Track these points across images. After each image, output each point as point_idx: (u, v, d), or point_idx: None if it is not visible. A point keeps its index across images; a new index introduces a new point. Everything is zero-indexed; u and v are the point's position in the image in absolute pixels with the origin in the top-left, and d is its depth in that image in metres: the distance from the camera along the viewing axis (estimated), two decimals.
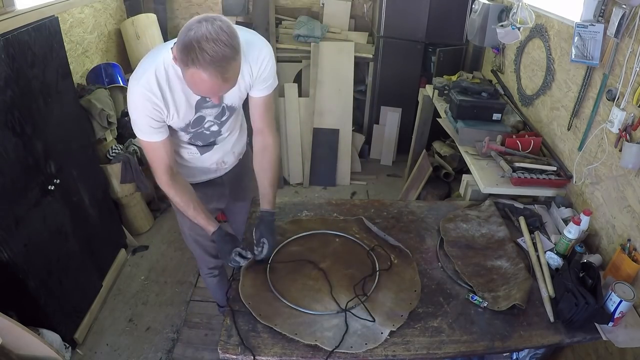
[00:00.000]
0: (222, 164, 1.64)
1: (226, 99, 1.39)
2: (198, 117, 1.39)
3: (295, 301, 1.36)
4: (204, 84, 1.11)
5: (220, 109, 1.41)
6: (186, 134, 1.45)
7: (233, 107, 1.46)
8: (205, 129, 1.46)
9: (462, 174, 2.18)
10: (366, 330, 1.28)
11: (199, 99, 1.33)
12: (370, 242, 1.63)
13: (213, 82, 1.10)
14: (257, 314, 1.30)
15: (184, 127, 1.40)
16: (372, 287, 1.42)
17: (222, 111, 1.43)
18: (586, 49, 1.65)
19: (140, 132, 1.33)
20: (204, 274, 1.98)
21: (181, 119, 1.35)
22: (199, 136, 1.48)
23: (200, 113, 1.38)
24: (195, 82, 1.12)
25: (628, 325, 1.34)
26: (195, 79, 1.10)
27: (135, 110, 1.28)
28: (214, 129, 1.48)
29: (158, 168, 1.39)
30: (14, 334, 1.53)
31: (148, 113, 1.27)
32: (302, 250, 1.58)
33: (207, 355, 2.13)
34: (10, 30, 1.72)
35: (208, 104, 1.36)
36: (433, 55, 3.26)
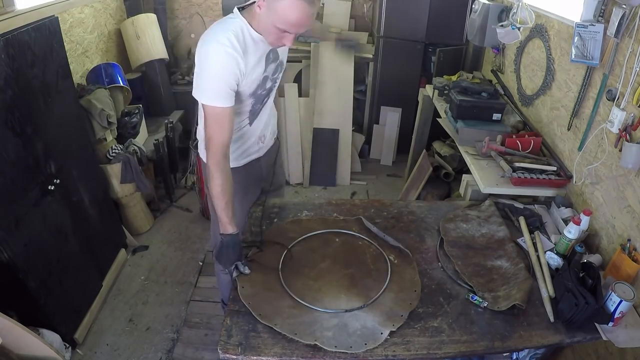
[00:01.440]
0: (262, 139, 1.70)
1: (280, 53, 1.49)
2: (264, 76, 1.45)
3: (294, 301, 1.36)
4: (297, 12, 1.20)
5: (277, 63, 1.49)
6: (253, 101, 1.48)
7: (283, 63, 1.55)
8: (265, 91, 1.52)
9: (462, 174, 2.18)
10: (366, 330, 1.28)
11: (267, 55, 1.41)
12: (370, 243, 1.63)
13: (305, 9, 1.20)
14: (257, 313, 1.30)
15: (255, 88, 1.44)
16: (378, 293, 1.41)
17: (278, 66, 1.50)
18: (586, 49, 1.65)
19: (214, 96, 1.31)
20: (218, 270, 1.99)
21: (255, 79, 1.40)
22: (258, 99, 1.52)
23: (265, 72, 1.45)
24: (289, 11, 1.20)
25: (628, 325, 1.34)
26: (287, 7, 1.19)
27: (218, 70, 1.28)
28: (269, 86, 1.54)
29: (218, 142, 1.35)
30: (14, 334, 1.53)
31: (231, 72, 1.29)
32: (302, 250, 1.58)
33: (207, 355, 2.13)
34: (10, 30, 1.72)
35: (271, 58, 1.44)
36: (433, 55, 3.27)
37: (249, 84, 1.41)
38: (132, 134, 2.85)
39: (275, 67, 1.51)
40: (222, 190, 1.38)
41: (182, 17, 3.72)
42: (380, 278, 1.47)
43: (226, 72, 1.29)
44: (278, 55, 1.50)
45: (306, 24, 1.26)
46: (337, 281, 1.45)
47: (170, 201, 3.28)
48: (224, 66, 1.29)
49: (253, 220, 1.73)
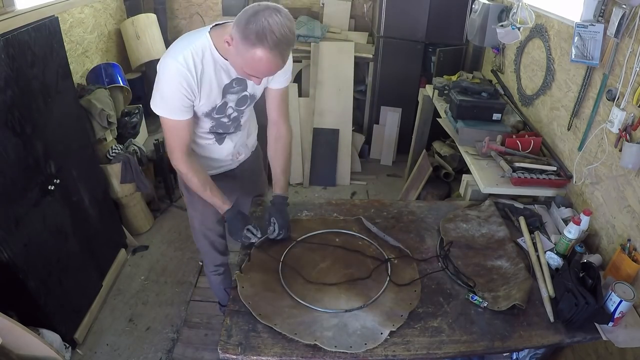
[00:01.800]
0: (237, 155, 1.71)
1: (249, 87, 1.47)
2: (223, 103, 1.45)
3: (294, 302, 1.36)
4: (265, 64, 1.20)
5: (242, 96, 1.48)
6: (209, 121, 1.49)
7: (254, 96, 1.54)
8: (227, 116, 1.52)
9: (462, 174, 2.18)
10: (366, 330, 1.28)
11: (226, 84, 1.40)
12: (370, 243, 1.63)
13: (274, 62, 1.20)
14: (257, 313, 1.30)
15: (209, 111, 1.44)
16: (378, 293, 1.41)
17: (243, 98, 1.50)
18: (586, 49, 1.65)
19: (168, 110, 1.35)
20: (208, 272, 1.99)
21: (210, 102, 1.41)
22: (220, 125, 1.53)
23: (224, 99, 1.44)
24: (258, 62, 1.19)
25: (628, 325, 1.34)
26: (260, 58, 1.18)
27: (169, 86, 1.31)
28: (234, 116, 1.54)
29: (177, 147, 1.43)
30: (14, 334, 1.53)
31: (182, 90, 1.31)
32: (302, 250, 1.58)
33: (207, 355, 2.13)
34: (10, 30, 1.72)
35: (234, 89, 1.43)
36: (433, 55, 3.27)
37: (203, 105, 1.40)
38: (132, 134, 2.85)
39: (240, 98, 1.48)
40: (199, 182, 1.49)
41: (182, 17, 3.72)
42: (380, 278, 1.47)
43: (179, 89, 1.31)
44: (246, 87, 1.46)
45: (276, 71, 1.26)
46: (337, 281, 1.45)
47: (170, 201, 3.28)
48: (177, 86, 1.30)
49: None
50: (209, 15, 3.70)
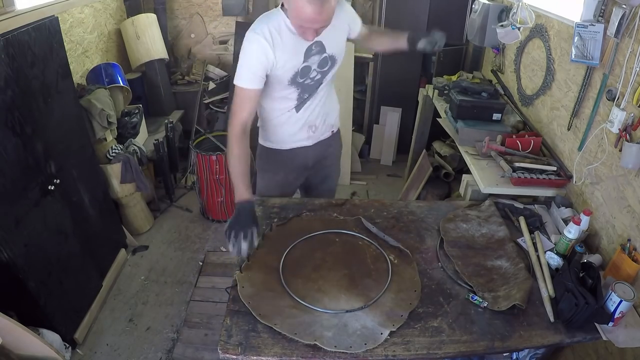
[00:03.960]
0: (313, 129, 1.75)
1: (328, 48, 1.55)
2: (305, 66, 1.54)
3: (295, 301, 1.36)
4: (305, 11, 1.30)
5: (323, 57, 1.56)
6: (294, 88, 1.58)
7: (334, 58, 1.60)
8: (311, 79, 1.60)
9: (462, 174, 2.18)
10: (366, 330, 1.28)
11: (307, 47, 1.50)
12: (370, 243, 1.63)
13: (311, 8, 1.28)
14: (257, 313, 1.30)
15: (293, 76, 1.54)
16: (378, 293, 1.41)
17: (324, 60, 1.57)
18: (586, 49, 1.65)
19: (240, 77, 1.48)
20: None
21: (292, 66, 1.51)
22: (304, 88, 1.61)
23: (307, 62, 1.54)
24: (300, 10, 1.30)
25: (628, 325, 1.34)
26: (298, 5, 1.29)
27: (245, 54, 1.46)
28: (317, 78, 1.61)
29: (237, 118, 1.52)
30: (14, 334, 1.53)
31: (257, 57, 1.44)
32: (302, 250, 1.58)
33: (207, 355, 2.13)
34: (10, 30, 1.72)
35: (313, 51, 1.52)
36: (433, 55, 3.27)
37: (285, 72, 1.52)
38: (132, 134, 2.85)
39: (321, 60, 1.57)
40: (237, 159, 1.52)
41: (182, 17, 3.72)
42: (381, 278, 1.47)
43: (253, 58, 1.45)
44: (324, 49, 1.55)
45: (319, 20, 1.34)
46: (337, 281, 1.45)
47: (170, 201, 3.28)
48: (252, 53, 1.45)
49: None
50: (209, 15, 3.70)
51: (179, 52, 3.83)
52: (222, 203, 3.04)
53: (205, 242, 2.93)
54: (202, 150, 2.90)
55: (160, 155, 3.03)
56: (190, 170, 3.14)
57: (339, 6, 1.52)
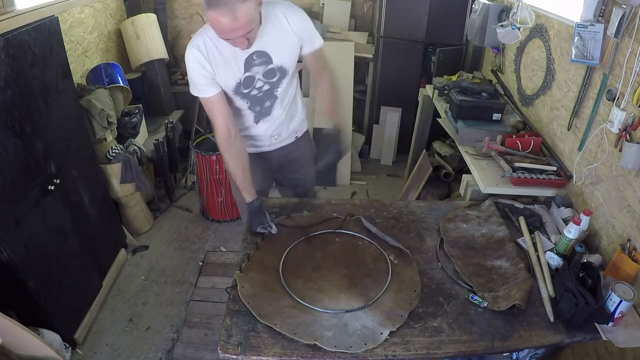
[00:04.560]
0: (277, 136, 1.75)
1: (275, 59, 1.52)
2: (247, 76, 1.52)
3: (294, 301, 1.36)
4: (219, 24, 1.27)
5: (269, 68, 1.53)
6: (242, 99, 1.58)
7: (284, 69, 1.56)
8: (258, 90, 1.57)
9: (462, 174, 2.18)
10: (366, 330, 1.28)
11: (247, 58, 1.48)
12: (370, 243, 1.63)
13: (225, 20, 1.25)
14: (257, 313, 1.30)
15: (236, 87, 1.53)
16: (378, 293, 1.41)
17: (271, 71, 1.54)
18: (586, 49, 1.65)
19: (195, 89, 1.52)
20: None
21: (232, 76, 1.50)
22: (254, 100, 1.60)
23: (249, 73, 1.51)
24: (214, 24, 1.28)
25: (628, 325, 1.34)
26: (212, 21, 1.27)
27: (189, 69, 1.48)
28: (266, 89, 1.58)
29: (216, 124, 1.56)
30: (14, 334, 1.53)
31: (197, 70, 1.46)
32: (302, 250, 1.58)
33: (207, 355, 2.13)
34: (10, 30, 1.72)
35: (255, 61, 1.49)
36: (433, 55, 3.27)
37: (227, 82, 1.51)
38: (132, 134, 2.85)
39: (267, 70, 1.53)
40: (233, 165, 1.59)
41: (182, 17, 3.72)
42: (381, 278, 1.47)
43: (196, 70, 1.47)
44: (270, 59, 1.51)
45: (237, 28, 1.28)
46: (337, 281, 1.45)
47: (170, 201, 3.28)
48: (190, 65, 1.47)
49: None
50: None
51: (179, 52, 3.82)
52: (222, 203, 3.04)
53: (205, 242, 2.93)
54: (202, 150, 2.90)
55: (160, 155, 3.03)
56: (190, 170, 3.14)
57: (297, 18, 1.50)
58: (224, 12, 1.24)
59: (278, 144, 1.78)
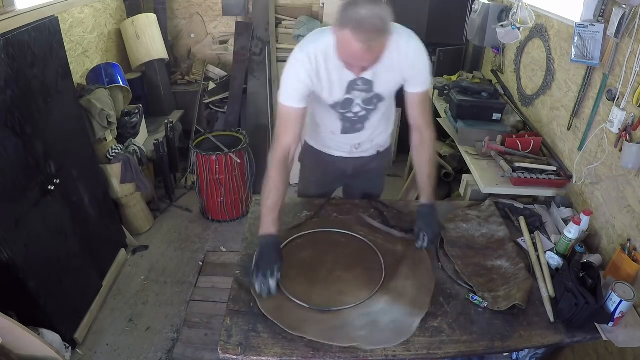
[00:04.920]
0: (357, 146, 1.72)
1: (376, 87, 1.48)
2: (347, 99, 1.50)
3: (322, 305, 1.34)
4: (350, 47, 1.21)
5: (370, 95, 1.50)
6: (338, 116, 1.57)
7: (382, 97, 1.53)
8: (354, 114, 1.56)
9: (462, 174, 2.18)
10: (397, 323, 1.29)
11: (351, 81, 1.44)
12: (375, 238, 1.63)
13: (359, 46, 1.19)
14: (286, 325, 1.27)
15: (333, 104, 1.52)
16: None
17: (371, 98, 1.51)
18: (586, 49, 1.65)
19: (283, 94, 1.44)
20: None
21: (331, 94, 1.47)
22: (348, 120, 1.58)
23: (349, 95, 1.49)
24: (345, 43, 1.22)
25: (628, 325, 1.34)
26: (345, 39, 1.20)
27: (289, 71, 1.42)
28: (362, 114, 1.57)
29: (280, 142, 1.46)
30: (14, 334, 1.53)
31: (298, 76, 1.40)
32: (312, 256, 1.55)
33: (207, 355, 2.13)
34: (10, 30, 1.72)
35: (359, 87, 1.46)
36: (433, 55, 3.26)
37: (326, 98, 1.49)
38: (132, 134, 2.85)
39: (368, 98, 1.51)
40: (274, 189, 1.44)
41: (182, 17, 3.72)
42: (395, 268, 1.49)
43: (296, 75, 1.40)
44: (372, 87, 1.47)
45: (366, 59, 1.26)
46: (354, 279, 1.45)
47: (170, 201, 3.28)
48: (295, 71, 1.40)
49: (253, 220, 1.73)
50: (209, 15, 3.70)
51: (179, 52, 3.83)
52: (222, 203, 3.04)
53: (205, 242, 2.93)
54: (202, 150, 2.90)
55: (160, 155, 3.03)
56: (190, 170, 3.14)
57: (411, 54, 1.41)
58: (360, 38, 1.18)
59: (358, 153, 1.76)
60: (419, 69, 1.45)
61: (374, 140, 1.72)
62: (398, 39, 1.36)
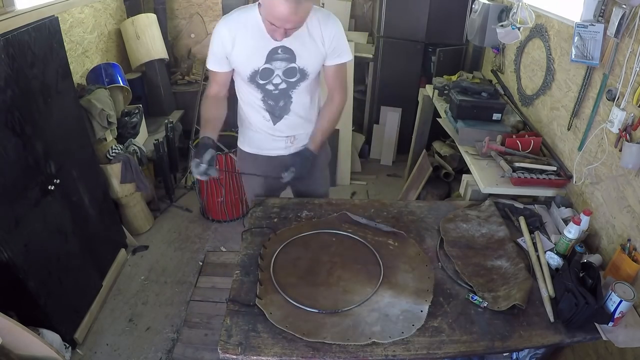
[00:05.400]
0: (293, 140, 1.76)
1: (298, 60, 1.54)
2: (266, 68, 1.54)
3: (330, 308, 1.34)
4: (277, 9, 1.29)
5: (290, 67, 1.55)
6: (256, 90, 1.60)
7: (305, 71, 1.58)
8: (274, 86, 1.59)
9: (462, 174, 2.18)
10: (407, 313, 1.32)
11: (271, 49, 1.50)
12: (364, 234, 1.64)
13: (285, 9, 1.28)
14: (301, 333, 1.25)
15: (252, 74, 1.55)
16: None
17: (292, 70, 1.56)
18: (586, 49, 1.65)
19: (208, 60, 1.59)
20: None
21: (251, 62, 1.53)
22: (269, 95, 1.62)
23: (269, 65, 1.53)
24: (270, 7, 1.30)
25: (628, 325, 1.34)
26: (271, 4, 1.29)
27: (212, 40, 1.54)
28: (283, 87, 1.60)
29: (212, 85, 1.65)
30: (14, 334, 1.53)
31: (216, 43, 1.52)
32: (307, 259, 1.55)
33: (207, 355, 2.13)
34: (10, 30, 1.72)
35: (279, 55, 1.51)
36: (433, 55, 3.27)
37: (243, 67, 1.55)
38: (132, 134, 2.85)
39: (288, 68, 1.55)
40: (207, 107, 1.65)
41: (182, 17, 3.72)
42: (391, 263, 1.51)
43: (215, 41, 1.53)
44: (294, 58, 1.53)
45: (291, 20, 1.33)
46: (355, 277, 1.46)
47: (170, 201, 3.28)
48: (214, 38, 1.53)
49: (253, 220, 1.74)
50: (209, 15, 3.70)
51: (179, 52, 3.83)
52: (222, 203, 3.04)
53: (205, 242, 2.93)
54: None
55: (160, 155, 3.03)
56: (190, 170, 3.14)
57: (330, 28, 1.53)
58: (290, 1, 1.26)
59: (295, 148, 1.77)
60: (337, 42, 1.56)
61: (307, 131, 1.77)
62: (320, 15, 1.51)
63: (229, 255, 2.78)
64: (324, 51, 1.56)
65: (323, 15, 1.53)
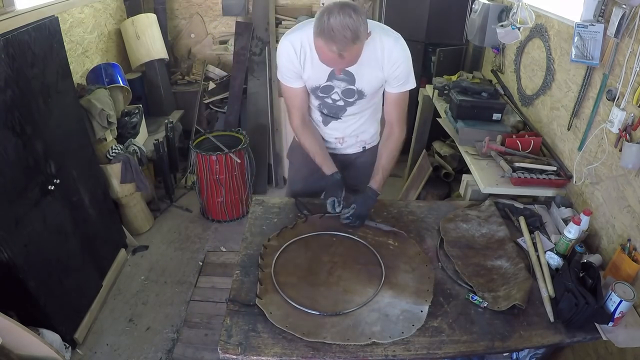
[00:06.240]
0: (341, 141, 1.80)
1: (357, 83, 1.57)
2: (327, 85, 1.58)
3: (330, 309, 1.34)
4: (322, 54, 1.33)
5: (348, 88, 1.58)
6: (315, 99, 1.67)
7: (362, 92, 1.60)
8: (332, 100, 1.64)
9: (462, 174, 2.18)
10: (407, 313, 1.32)
11: (332, 71, 1.52)
12: (364, 234, 1.64)
13: (329, 54, 1.30)
14: (301, 333, 1.26)
15: (314, 88, 1.61)
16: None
17: (349, 90, 1.59)
18: (586, 49, 1.65)
19: (282, 77, 1.60)
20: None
21: (313, 79, 1.57)
22: (325, 105, 1.67)
23: (330, 82, 1.57)
24: (319, 50, 1.34)
25: (628, 325, 1.34)
26: (319, 47, 1.32)
27: (279, 57, 1.55)
28: (340, 104, 1.65)
29: (292, 112, 1.68)
30: (14, 334, 1.53)
31: (286, 64, 1.54)
32: (308, 260, 1.55)
33: (207, 355, 2.13)
34: (10, 30, 1.72)
35: (339, 77, 1.55)
36: (433, 55, 3.26)
37: (309, 81, 1.59)
38: (132, 134, 2.85)
39: (347, 89, 1.58)
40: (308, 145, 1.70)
41: (182, 17, 3.72)
42: (392, 263, 1.51)
43: (281, 61, 1.54)
44: (353, 80, 1.55)
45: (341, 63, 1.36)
46: (356, 277, 1.46)
47: (170, 201, 3.28)
48: (281, 56, 1.54)
49: (254, 220, 1.73)
50: (209, 15, 3.70)
51: (179, 52, 3.83)
52: (222, 203, 3.04)
53: (205, 242, 2.93)
54: (202, 150, 2.90)
55: (160, 155, 3.03)
56: (190, 170, 3.14)
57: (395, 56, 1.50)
58: (332, 48, 1.27)
59: (343, 149, 1.83)
60: (400, 71, 1.54)
61: (359, 136, 1.80)
62: (386, 40, 1.48)
63: (229, 255, 2.78)
64: (382, 77, 1.55)
65: (389, 41, 1.48)
